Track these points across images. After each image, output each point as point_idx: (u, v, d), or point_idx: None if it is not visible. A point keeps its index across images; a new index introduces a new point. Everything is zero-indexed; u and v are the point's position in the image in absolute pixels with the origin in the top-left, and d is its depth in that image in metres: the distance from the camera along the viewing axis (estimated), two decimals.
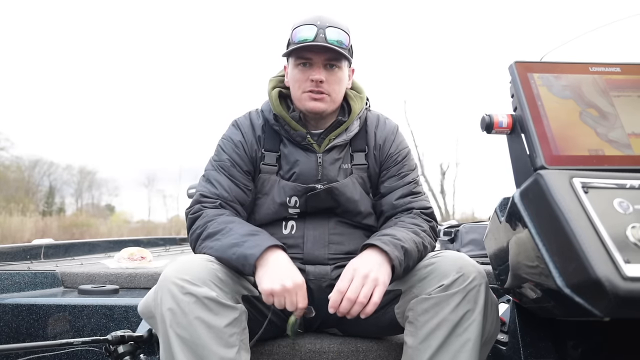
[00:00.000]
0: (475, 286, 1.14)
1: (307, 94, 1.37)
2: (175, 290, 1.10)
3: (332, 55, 1.35)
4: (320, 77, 1.35)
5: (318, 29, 1.33)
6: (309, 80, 1.36)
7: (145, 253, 2.37)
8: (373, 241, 1.22)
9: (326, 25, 1.34)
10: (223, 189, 1.37)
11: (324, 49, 1.33)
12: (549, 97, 1.03)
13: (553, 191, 0.84)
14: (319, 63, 1.36)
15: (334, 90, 1.38)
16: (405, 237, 1.25)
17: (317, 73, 1.35)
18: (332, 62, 1.36)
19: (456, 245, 2.34)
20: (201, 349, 1.08)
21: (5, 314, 1.78)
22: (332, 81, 1.37)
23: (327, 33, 1.33)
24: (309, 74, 1.36)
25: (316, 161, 1.40)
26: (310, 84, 1.36)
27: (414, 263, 1.25)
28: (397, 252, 1.19)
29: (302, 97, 1.38)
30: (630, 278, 0.74)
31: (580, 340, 1.13)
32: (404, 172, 1.44)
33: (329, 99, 1.38)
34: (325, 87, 1.36)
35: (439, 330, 1.14)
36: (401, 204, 1.40)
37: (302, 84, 1.37)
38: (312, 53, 1.35)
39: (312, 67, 1.36)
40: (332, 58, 1.36)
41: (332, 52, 1.34)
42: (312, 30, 1.33)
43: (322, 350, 1.34)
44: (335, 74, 1.38)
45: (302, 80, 1.37)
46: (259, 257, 1.16)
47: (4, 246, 2.45)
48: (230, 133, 1.46)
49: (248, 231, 1.23)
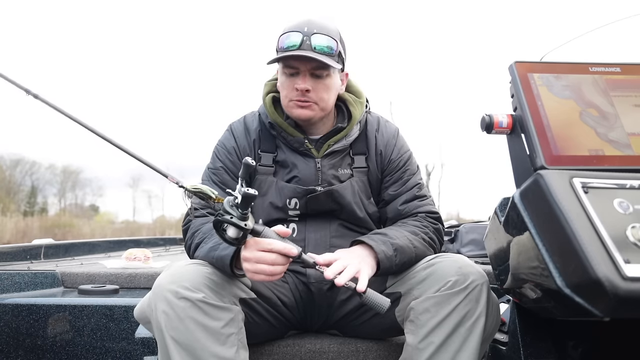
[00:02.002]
0: (476, 286, 1.14)
1: (294, 102, 1.35)
2: (170, 296, 1.09)
3: (318, 64, 1.31)
4: (306, 86, 1.32)
5: (303, 35, 1.29)
6: (295, 89, 1.33)
7: (149, 253, 2.38)
8: (361, 238, 1.24)
9: (313, 31, 1.30)
10: None
11: (308, 58, 1.29)
12: (549, 97, 1.03)
13: (553, 191, 0.84)
14: (305, 72, 1.32)
15: (321, 98, 1.35)
16: (397, 234, 1.26)
17: (302, 82, 1.32)
18: (318, 71, 1.32)
19: (456, 245, 2.34)
20: (199, 351, 1.08)
21: (5, 314, 1.78)
22: (320, 89, 1.34)
23: (313, 40, 1.29)
24: (294, 83, 1.33)
25: (315, 166, 1.40)
26: (296, 93, 1.33)
27: (411, 260, 1.25)
28: (385, 247, 1.21)
29: (288, 104, 1.37)
30: (630, 278, 0.74)
31: (580, 340, 1.13)
32: (406, 176, 1.43)
33: (317, 107, 1.36)
34: (311, 96, 1.33)
35: (440, 329, 1.14)
36: (406, 209, 1.39)
37: (289, 93, 1.35)
38: (297, 62, 1.32)
39: (298, 75, 1.33)
40: (318, 67, 1.32)
41: (317, 61, 1.29)
42: (297, 37, 1.29)
43: (322, 350, 1.34)
44: (323, 82, 1.34)
45: (288, 89, 1.35)
46: (235, 256, 1.14)
47: (4, 246, 2.45)
48: (223, 139, 1.46)
49: None
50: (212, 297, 1.11)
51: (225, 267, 1.14)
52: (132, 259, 2.31)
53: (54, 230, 16.81)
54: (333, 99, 1.40)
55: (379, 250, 1.20)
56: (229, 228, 1.06)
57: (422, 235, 1.32)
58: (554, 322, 1.13)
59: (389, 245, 1.22)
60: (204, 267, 1.17)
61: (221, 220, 1.05)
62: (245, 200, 1.03)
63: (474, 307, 1.14)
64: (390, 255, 1.21)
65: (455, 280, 1.14)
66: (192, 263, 1.19)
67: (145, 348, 1.68)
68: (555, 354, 1.10)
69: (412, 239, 1.27)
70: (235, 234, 1.06)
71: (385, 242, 1.23)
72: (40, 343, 1.77)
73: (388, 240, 1.24)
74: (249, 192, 1.02)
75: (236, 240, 1.07)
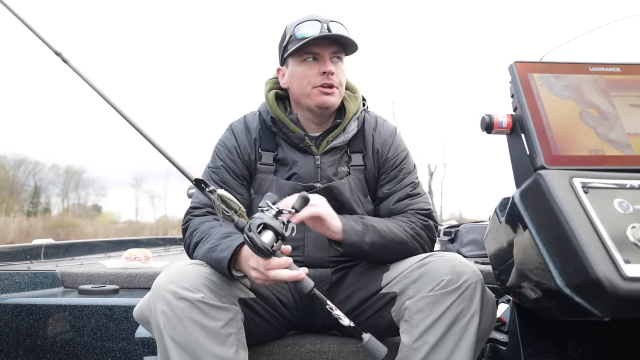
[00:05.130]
0: (470, 285, 1.14)
1: (318, 89, 1.36)
2: (169, 296, 1.09)
3: (339, 48, 1.37)
4: (331, 68, 1.35)
5: (322, 23, 1.34)
6: (319, 74, 1.36)
7: (149, 253, 2.38)
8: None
9: (329, 19, 1.35)
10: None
11: (335, 38, 1.34)
12: (549, 97, 1.03)
13: (553, 191, 0.84)
14: (326, 56, 1.36)
15: (341, 82, 1.40)
16: (374, 219, 1.32)
17: (327, 65, 1.35)
18: (339, 54, 1.38)
19: (456, 245, 2.34)
20: (199, 351, 1.08)
21: (5, 314, 1.78)
22: (340, 73, 1.39)
23: (332, 27, 1.34)
24: (318, 68, 1.36)
25: (314, 163, 1.40)
26: (321, 77, 1.36)
27: (390, 243, 1.28)
28: (354, 222, 1.26)
29: (311, 92, 1.37)
30: (630, 278, 0.73)
31: (580, 340, 1.13)
32: (402, 175, 1.43)
33: (338, 92, 1.39)
34: (335, 80, 1.37)
35: (434, 328, 1.14)
36: (398, 207, 1.39)
37: (312, 79, 1.37)
38: (319, 47, 1.35)
39: (318, 61, 1.36)
40: (339, 51, 1.37)
41: (339, 45, 1.36)
42: (316, 25, 1.34)
43: (322, 350, 1.34)
44: (341, 67, 1.39)
45: (311, 76, 1.37)
46: (234, 258, 1.15)
47: (4, 246, 2.45)
48: (224, 138, 1.46)
49: (223, 234, 1.22)
50: (211, 297, 1.11)
51: (224, 270, 1.14)
52: (132, 259, 2.31)
53: (57, 230, 16.82)
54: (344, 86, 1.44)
55: (346, 222, 1.25)
56: (265, 233, 1.05)
57: (406, 227, 1.32)
58: (554, 322, 1.13)
59: (360, 222, 1.27)
60: (203, 267, 1.17)
61: (267, 225, 1.05)
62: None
63: (468, 305, 1.13)
64: (358, 230, 1.25)
65: (448, 280, 1.14)
66: (191, 263, 1.19)
67: (145, 348, 1.68)
68: (555, 354, 1.10)
69: (391, 226, 1.30)
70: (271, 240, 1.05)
71: (357, 220, 1.28)
72: (40, 343, 1.77)
73: (360, 219, 1.29)
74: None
75: (267, 250, 1.05)
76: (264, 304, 1.27)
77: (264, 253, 1.04)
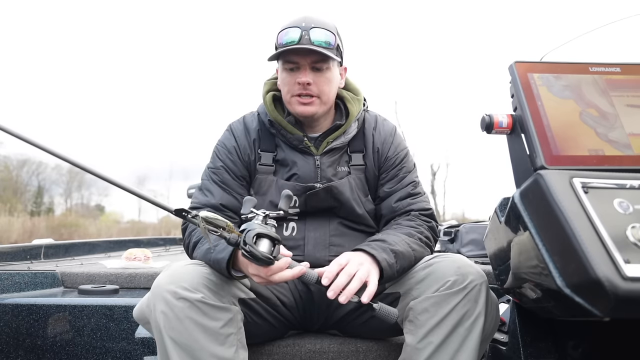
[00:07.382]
0: (475, 286, 1.14)
1: (296, 98, 1.36)
2: (169, 296, 1.09)
3: (317, 57, 1.33)
4: (307, 79, 1.33)
5: (302, 30, 1.31)
6: (296, 83, 1.34)
7: (149, 253, 2.38)
8: (361, 246, 1.22)
9: (310, 26, 1.32)
10: (213, 196, 1.37)
11: (308, 51, 1.31)
12: (549, 97, 1.03)
13: (553, 191, 0.84)
14: (306, 66, 1.33)
15: (323, 91, 1.36)
16: (395, 240, 1.25)
17: (303, 76, 1.33)
18: (318, 64, 1.34)
19: (456, 245, 2.34)
20: (198, 351, 1.08)
21: (5, 314, 1.78)
22: (321, 82, 1.35)
23: (312, 34, 1.31)
24: (295, 77, 1.34)
25: (314, 164, 1.40)
26: (298, 87, 1.34)
27: (411, 263, 1.25)
28: (386, 254, 1.19)
29: (291, 101, 1.37)
30: (630, 278, 0.73)
31: (580, 340, 1.13)
32: (402, 174, 1.43)
33: (319, 101, 1.36)
34: (313, 90, 1.35)
35: (439, 329, 1.14)
36: (400, 207, 1.40)
37: (290, 88, 1.36)
38: (297, 56, 1.33)
39: (299, 70, 1.34)
40: (318, 60, 1.33)
41: (317, 54, 1.32)
42: (296, 33, 1.31)
43: (322, 350, 1.34)
44: (323, 75, 1.35)
45: (290, 84, 1.36)
46: (232, 258, 1.14)
47: (4, 246, 2.45)
48: (224, 139, 1.46)
49: None
50: (210, 297, 1.11)
51: (222, 271, 1.14)
52: (132, 259, 2.31)
53: (60, 230, 16.79)
54: (334, 92, 1.41)
55: (381, 258, 1.18)
56: (261, 242, 1.04)
57: (418, 235, 1.31)
58: (554, 322, 1.13)
59: (390, 252, 1.20)
60: (203, 267, 1.17)
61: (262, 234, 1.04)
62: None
63: (473, 307, 1.13)
64: (392, 263, 1.19)
65: (454, 280, 1.14)
66: (191, 263, 1.19)
67: (145, 348, 1.68)
68: (555, 354, 1.10)
69: (409, 242, 1.27)
70: (269, 248, 1.04)
71: (385, 249, 1.21)
72: (40, 343, 1.77)
73: (388, 247, 1.22)
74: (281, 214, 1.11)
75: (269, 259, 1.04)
76: (264, 304, 1.27)
77: (266, 263, 1.04)
